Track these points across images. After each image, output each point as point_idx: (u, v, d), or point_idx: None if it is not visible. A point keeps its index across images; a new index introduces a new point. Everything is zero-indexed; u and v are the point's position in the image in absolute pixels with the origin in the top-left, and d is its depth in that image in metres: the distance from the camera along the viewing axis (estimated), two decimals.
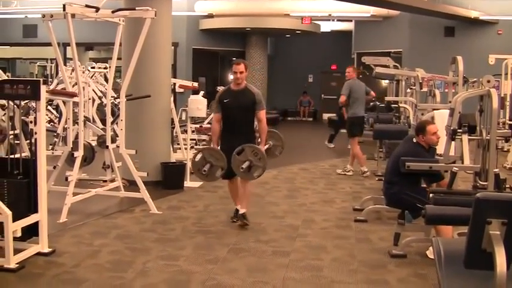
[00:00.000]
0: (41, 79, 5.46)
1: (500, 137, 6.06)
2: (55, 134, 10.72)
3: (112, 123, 8.41)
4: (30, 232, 5.39)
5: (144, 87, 8.58)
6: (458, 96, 5.78)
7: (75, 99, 7.26)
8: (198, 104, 10.59)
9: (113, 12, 7.29)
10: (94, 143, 8.91)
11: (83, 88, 8.38)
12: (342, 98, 10.31)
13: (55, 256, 5.43)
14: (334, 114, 18.61)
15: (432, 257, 4.95)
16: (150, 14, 7.16)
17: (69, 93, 7.47)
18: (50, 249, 5.47)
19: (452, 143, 5.65)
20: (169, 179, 8.73)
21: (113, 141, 8.19)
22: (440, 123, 6.18)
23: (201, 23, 20.35)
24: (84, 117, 7.69)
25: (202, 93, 11.49)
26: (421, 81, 9.46)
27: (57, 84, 12.84)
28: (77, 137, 7.42)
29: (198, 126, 11.71)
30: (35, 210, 5.36)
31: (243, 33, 20.87)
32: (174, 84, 11.11)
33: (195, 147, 11.33)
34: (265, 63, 21.46)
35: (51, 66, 21.23)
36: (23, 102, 6.58)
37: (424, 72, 10.12)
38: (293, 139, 16.11)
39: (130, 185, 8.15)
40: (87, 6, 6.97)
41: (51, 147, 10.23)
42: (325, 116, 23.00)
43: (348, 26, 22.13)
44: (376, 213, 7.25)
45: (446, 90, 10.22)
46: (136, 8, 7.33)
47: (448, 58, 9.13)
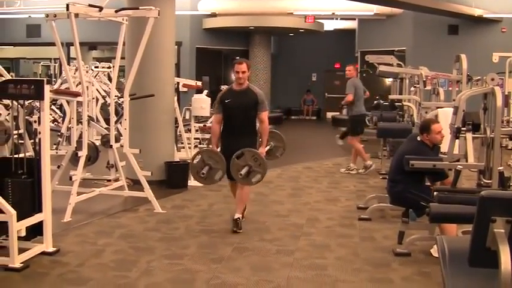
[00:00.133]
0: (45, 79, 5.45)
1: (505, 135, 6.06)
2: (59, 133, 10.74)
3: (116, 122, 8.43)
4: (35, 231, 5.40)
5: (148, 86, 8.59)
6: (462, 94, 5.77)
7: (79, 99, 7.27)
8: (201, 103, 10.61)
9: (116, 11, 7.29)
10: (98, 143, 8.94)
11: (87, 87, 8.40)
12: (350, 97, 10.24)
13: (59, 255, 5.44)
14: (338, 113, 18.66)
15: (436, 255, 4.93)
16: (153, 13, 7.16)
17: (73, 93, 7.49)
18: (54, 249, 5.48)
19: (456, 141, 5.65)
20: (173, 178, 8.73)
21: (117, 140, 8.20)
22: (444, 122, 6.17)
23: (205, 22, 20.35)
24: (88, 116, 7.72)
25: (205, 92, 11.49)
26: (424, 80, 9.44)
27: (61, 83, 12.86)
28: (80, 136, 7.44)
29: (201, 125, 11.71)
30: (39, 210, 5.36)
31: (246, 32, 20.86)
32: (178, 83, 11.13)
33: (199, 146, 11.33)
34: (269, 62, 21.45)
35: (55, 66, 21.28)
36: (26, 102, 6.59)
37: (428, 70, 10.11)
38: (297, 138, 16.13)
39: (134, 184, 8.15)
40: (91, 5, 6.98)
41: (55, 147, 10.25)
42: (329, 114, 23.01)
43: (352, 24, 22.10)
44: (380, 211, 7.24)
45: (450, 88, 10.19)
46: (140, 7, 7.33)
47: (451, 56, 9.12)
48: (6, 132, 7.76)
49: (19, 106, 6.07)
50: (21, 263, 5.03)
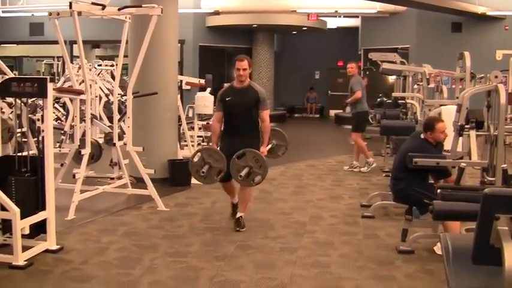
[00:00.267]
0: (48, 77, 5.46)
1: (508, 133, 6.05)
2: (62, 131, 10.74)
3: (119, 120, 8.42)
4: (38, 229, 5.41)
5: (151, 84, 8.59)
6: (465, 92, 5.76)
7: (82, 97, 7.27)
8: (204, 101, 10.63)
9: (119, 9, 7.30)
10: (101, 141, 8.94)
11: (90, 86, 8.39)
12: (359, 93, 10.19)
13: (63, 253, 5.44)
14: (341, 111, 18.63)
15: (440, 252, 4.92)
16: (156, 11, 7.16)
17: (76, 91, 7.49)
18: (57, 247, 5.49)
19: (460, 138, 5.64)
20: (176, 176, 8.74)
21: (120, 138, 8.21)
22: (448, 119, 6.16)
23: (208, 20, 20.35)
24: (91, 114, 7.71)
25: (209, 90, 11.50)
26: (428, 77, 9.43)
27: (64, 82, 12.90)
28: (84, 134, 7.43)
29: (204, 123, 11.73)
30: (43, 208, 5.37)
31: (249, 30, 20.85)
32: (181, 81, 11.13)
33: (202, 144, 11.34)
34: (272, 60, 21.44)
35: (58, 64, 21.31)
36: (30, 100, 6.59)
37: (431, 68, 10.09)
38: (300, 136, 16.13)
39: (138, 182, 8.15)
40: (94, 3, 6.98)
41: (58, 145, 10.25)
42: (332, 112, 23.01)
43: (355, 22, 22.10)
44: (383, 209, 7.24)
45: (454, 86, 10.19)
46: (143, 5, 7.33)
47: (455, 54, 9.10)
48: (10, 131, 7.77)
49: (22, 104, 6.07)
50: (25, 261, 5.04)
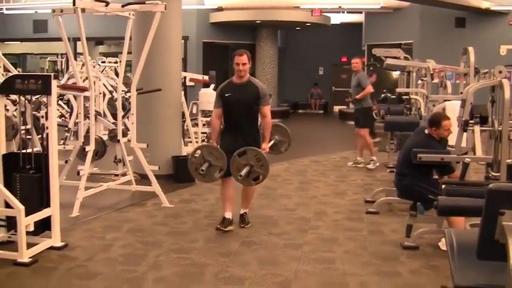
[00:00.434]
0: (52, 74, 5.46)
1: None
2: (66, 128, 10.75)
3: (123, 117, 8.43)
4: (43, 226, 5.42)
5: (155, 81, 8.59)
6: (469, 87, 5.76)
7: (86, 94, 7.27)
8: (208, 97, 10.61)
9: (122, 6, 7.29)
10: (105, 137, 8.94)
11: (94, 82, 8.39)
12: (370, 88, 10.15)
13: (67, 250, 5.45)
14: (345, 107, 18.52)
15: (444, 248, 4.94)
16: (160, 7, 7.16)
17: (80, 88, 7.49)
18: (62, 243, 5.49)
19: (464, 134, 5.64)
20: (180, 172, 8.72)
21: (124, 135, 8.21)
22: (452, 115, 6.15)
23: (211, 17, 20.33)
24: (95, 111, 7.71)
25: (212, 86, 11.49)
26: (432, 73, 9.42)
27: (68, 79, 12.89)
28: (88, 131, 7.43)
29: (208, 119, 11.71)
30: (47, 205, 5.38)
31: (253, 26, 20.82)
32: (185, 77, 11.14)
33: (206, 140, 11.34)
34: (276, 56, 21.40)
35: (62, 61, 21.33)
36: (34, 97, 6.60)
37: (435, 63, 10.08)
38: (304, 131, 16.12)
39: (142, 178, 8.16)
40: (97, 0, 6.97)
41: (62, 142, 10.26)
42: (336, 108, 22.99)
43: (358, 17, 22.06)
44: (387, 205, 7.23)
45: (458, 81, 10.17)
46: (146, 1, 7.32)
47: (459, 49, 9.09)
48: (14, 128, 7.80)
49: (26, 101, 6.08)
50: (30, 258, 5.05)
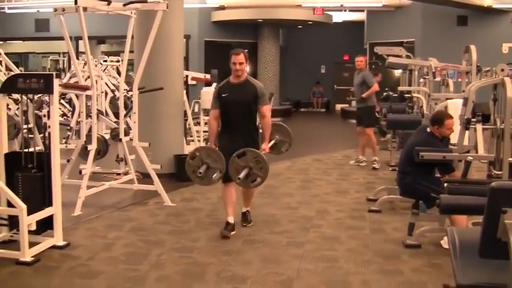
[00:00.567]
0: (54, 73, 5.46)
1: None
2: (68, 127, 10.76)
3: (125, 116, 8.42)
4: (45, 225, 5.42)
5: (157, 79, 8.59)
6: (471, 85, 5.75)
7: (88, 93, 7.28)
8: (210, 96, 10.54)
9: (124, 5, 7.30)
10: (107, 136, 8.94)
11: (96, 81, 8.39)
12: (376, 86, 10.12)
13: (70, 249, 5.46)
14: (347, 105, 18.46)
15: (447, 246, 4.92)
16: (161, 6, 7.16)
17: (82, 87, 7.49)
18: (64, 242, 5.50)
19: (466, 132, 5.63)
20: (182, 171, 8.62)
21: (126, 134, 8.21)
22: (454, 113, 6.14)
23: (213, 15, 20.34)
24: (97, 110, 7.71)
25: (214, 85, 11.45)
26: (434, 71, 9.41)
27: (70, 78, 12.89)
28: (90, 130, 7.44)
29: None
30: (50, 204, 5.38)
31: (255, 25, 20.84)
32: (187, 76, 11.13)
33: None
34: (278, 54, 21.42)
35: (64, 60, 21.35)
36: (36, 96, 6.60)
37: (437, 61, 10.06)
38: (306, 130, 16.13)
39: (144, 177, 8.16)
40: None
41: (64, 141, 10.27)
42: (338, 106, 22.99)
43: (360, 16, 22.07)
44: (390, 203, 7.22)
45: (460, 79, 10.15)
46: (148, 0, 7.32)
47: (461, 47, 9.07)
48: (16, 127, 7.81)
49: (28, 100, 6.08)
50: (32, 257, 5.06)
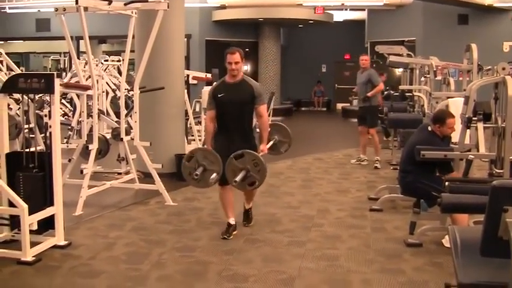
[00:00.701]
0: (55, 73, 5.47)
1: None
2: (69, 127, 10.77)
3: (126, 115, 8.44)
4: (46, 225, 5.42)
5: (158, 79, 8.59)
6: (472, 84, 5.74)
7: (89, 92, 7.28)
8: None
9: (125, 4, 7.29)
10: (108, 136, 8.95)
11: (97, 81, 8.40)
12: (381, 86, 10.10)
13: (71, 249, 5.46)
14: (348, 104, 18.40)
15: (448, 245, 4.93)
16: (162, 6, 7.16)
17: (83, 87, 7.49)
18: (66, 242, 5.50)
19: (467, 131, 5.62)
20: None
21: (127, 133, 8.22)
22: (455, 112, 6.13)
23: (214, 15, 20.34)
24: (98, 110, 7.71)
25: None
26: (435, 70, 9.40)
27: (71, 77, 12.90)
28: (91, 130, 7.45)
29: None
30: (51, 203, 5.38)
31: (255, 24, 20.83)
32: (188, 75, 11.12)
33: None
34: (278, 53, 21.40)
35: (65, 60, 21.34)
36: (37, 96, 6.60)
37: (438, 60, 10.05)
38: (307, 129, 16.12)
39: (145, 177, 8.16)
40: None
41: (65, 141, 10.28)
42: (339, 105, 22.98)
43: (361, 15, 22.05)
44: (391, 202, 7.22)
45: (461, 78, 10.17)
46: (149, 0, 7.32)
47: (462, 46, 9.07)
48: (17, 127, 7.81)
49: (29, 100, 6.08)
50: (33, 257, 5.06)
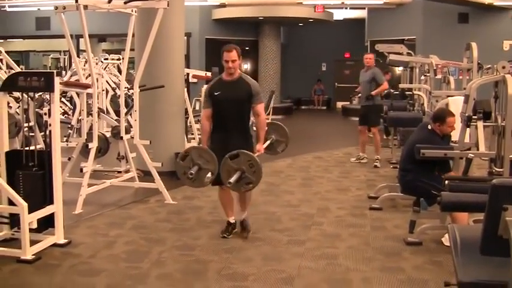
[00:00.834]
0: (55, 71, 5.46)
1: None
2: (69, 125, 10.75)
3: (126, 114, 8.43)
4: (46, 223, 5.42)
5: (158, 77, 8.58)
6: (472, 82, 5.74)
7: (89, 91, 7.28)
8: None
9: (125, 3, 7.28)
10: (108, 134, 8.94)
11: (97, 79, 8.39)
12: (386, 85, 10.09)
13: (71, 247, 5.46)
14: (348, 103, 18.36)
15: (448, 244, 4.93)
16: (162, 4, 7.15)
17: (83, 85, 7.49)
18: (65, 240, 5.50)
19: (467, 129, 5.62)
20: None
21: (127, 132, 8.21)
22: (455, 110, 6.14)
23: (214, 13, 20.32)
24: (98, 108, 7.71)
25: None
26: (435, 68, 9.41)
27: (71, 76, 12.89)
28: (91, 128, 7.44)
29: None
30: (51, 202, 5.39)
31: (255, 23, 20.80)
32: (188, 74, 11.12)
33: None
34: (279, 52, 21.37)
35: (65, 58, 21.35)
36: (37, 95, 6.60)
37: (438, 59, 10.05)
38: (307, 128, 16.13)
39: (145, 175, 8.16)
40: None
41: (65, 139, 10.26)
42: (339, 104, 22.97)
43: (361, 13, 22.02)
44: (391, 200, 7.22)
45: (461, 77, 10.16)
46: None
47: (462, 45, 9.08)
48: (17, 125, 7.81)
49: (29, 99, 6.08)
50: (33, 255, 5.06)
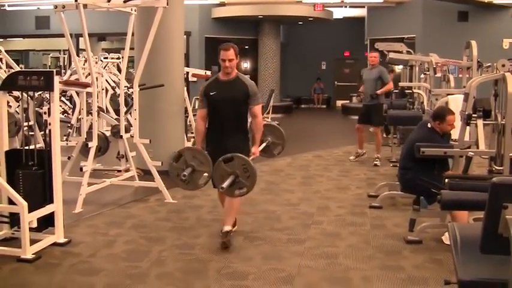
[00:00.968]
0: (54, 70, 5.46)
1: None
2: (69, 124, 10.76)
3: (126, 113, 8.43)
4: (46, 223, 5.42)
5: (157, 76, 8.58)
6: (472, 81, 5.74)
7: (89, 90, 7.27)
8: None
9: (124, 2, 7.28)
10: (108, 133, 8.95)
11: (96, 78, 8.39)
12: (391, 84, 10.09)
13: (71, 246, 5.46)
14: (347, 101, 18.33)
15: (448, 242, 4.93)
16: (162, 3, 7.14)
17: (83, 84, 7.49)
18: (65, 240, 5.50)
19: (467, 128, 5.62)
20: None
21: (127, 131, 8.21)
22: (455, 109, 6.14)
23: (213, 12, 20.31)
24: (98, 107, 7.71)
25: None
26: (434, 67, 9.40)
27: (71, 75, 12.89)
28: (91, 127, 7.44)
29: None
30: (51, 201, 5.39)
31: (255, 21, 20.79)
32: (187, 73, 11.12)
33: None
34: (278, 51, 21.36)
35: (64, 57, 21.33)
36: (36, 94, 6.60)
37: (438, 57, 10.05)
38: (307, 126, 16.13)
39: (145, 174, 8.16)
40: None
41: (65, 138, 10.27)
42: (339, 103, 22.97)
43: (361, 12, 22.00)
44: (391, 199, 7.22)
45: (461, 75, 10.16)
46: None
47: (461, 43, 9.08)
48: (17, 124, 7.81)
49: (29, 98, 6.08)
50: (33, 254, 5.07)
